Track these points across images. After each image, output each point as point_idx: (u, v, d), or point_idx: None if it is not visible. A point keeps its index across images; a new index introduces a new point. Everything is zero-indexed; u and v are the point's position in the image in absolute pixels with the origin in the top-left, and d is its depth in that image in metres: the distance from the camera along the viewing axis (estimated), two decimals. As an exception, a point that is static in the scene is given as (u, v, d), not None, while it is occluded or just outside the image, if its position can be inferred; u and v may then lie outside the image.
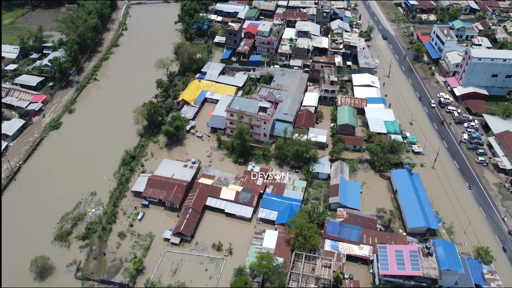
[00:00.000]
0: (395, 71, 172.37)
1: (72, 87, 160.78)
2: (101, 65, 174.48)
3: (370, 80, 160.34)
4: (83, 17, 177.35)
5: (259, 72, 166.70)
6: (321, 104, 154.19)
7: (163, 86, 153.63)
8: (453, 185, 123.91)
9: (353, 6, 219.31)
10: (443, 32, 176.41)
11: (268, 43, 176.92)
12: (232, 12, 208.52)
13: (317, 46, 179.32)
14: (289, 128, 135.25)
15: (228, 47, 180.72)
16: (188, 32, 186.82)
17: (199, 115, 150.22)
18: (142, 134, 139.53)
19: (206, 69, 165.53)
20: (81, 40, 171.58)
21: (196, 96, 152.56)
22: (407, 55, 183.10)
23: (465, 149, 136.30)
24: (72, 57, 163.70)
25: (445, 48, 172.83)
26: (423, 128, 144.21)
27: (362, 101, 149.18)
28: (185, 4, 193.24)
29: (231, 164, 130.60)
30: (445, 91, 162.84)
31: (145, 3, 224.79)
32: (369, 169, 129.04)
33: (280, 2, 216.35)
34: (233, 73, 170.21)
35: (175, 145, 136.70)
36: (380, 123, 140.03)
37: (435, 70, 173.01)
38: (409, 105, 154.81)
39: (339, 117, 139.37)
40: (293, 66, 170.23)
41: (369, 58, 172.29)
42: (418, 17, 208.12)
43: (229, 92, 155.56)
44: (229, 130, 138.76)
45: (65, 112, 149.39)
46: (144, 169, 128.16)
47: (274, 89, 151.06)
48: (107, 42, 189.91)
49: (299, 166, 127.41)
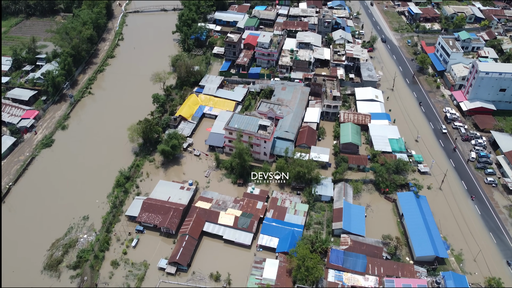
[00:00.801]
0: (399, 84, 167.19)
1: (66, 102, 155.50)
2: (96, 77, 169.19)
3: (373, 94, 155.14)
4: (78, 28, 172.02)
5: (259, 86, 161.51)
6: (323, 119, 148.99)
7: (160, 101, 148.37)
8: (461, 208, 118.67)
9: (355, 15, 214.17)
10: (449, 44, 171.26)
11: (268, 54, 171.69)
12: (231, 22, 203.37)
13: (318, 57, 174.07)
14: (290, 147, 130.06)
15: (227, 58, 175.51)
16: (186, 43, 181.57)
17: (197, 131, 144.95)
18: (138, 153, 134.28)
19: (204, 82, 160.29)
20: (75, 52, 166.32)
21: (194, 112, 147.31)
22: (411, 68, 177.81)
23: (473, 168, 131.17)
24: (66, 70, 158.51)
25: (450, 60, 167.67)
26: (429, 145, 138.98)
27: (366, 117, 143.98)
28: (183, 13, 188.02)
29: (229, 185, 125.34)
30: (451, 105, 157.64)
31: (142, 12, 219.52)
32: (374, 190, 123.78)
33: (281, 11, 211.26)
34: (232, 86, 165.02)
35: (172, 164, 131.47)
36: (384, 141, 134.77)
37: (440, 83, 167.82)
38: (414, 120, 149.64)
39: (342, 135, 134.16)
40: (294, 79, 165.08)
41: (372, 71, 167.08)
42: (422, 26, 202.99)
43: (228, 107, 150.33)
44: (227, 148, 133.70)
45: (58, 128, 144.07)
46: (139, 190, 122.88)
47: (274, 104, 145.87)
48: (103, 53, 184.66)
49: (301, 187, 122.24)
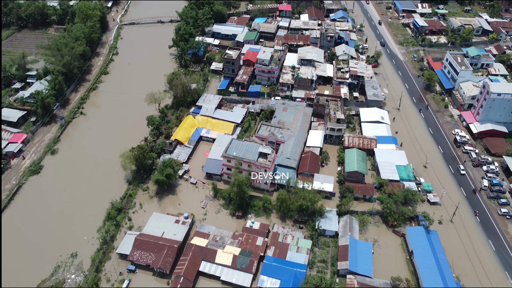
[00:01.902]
0: (405, 103, 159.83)
1: (56, 123, 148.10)
2: (88, 96, 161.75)
3: (379, 115, 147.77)
4: (70, 45, 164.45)
5: (259, 106, 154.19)
6: (326, 142, 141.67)
7: (154, 123, 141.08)
8: (474, 243, 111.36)
9: (359, 27, 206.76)
10: (457, 60, 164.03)
11: (269, 72, 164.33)
12: (230, 35, 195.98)
13: (321, 75, 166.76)
14: (292, 176, 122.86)
15: (225, 75, 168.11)
16: (182, 58, 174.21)
17: (194, 156, 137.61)
18: (130, 181, 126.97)
19: (202, 102, 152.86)
20: (67, 70, 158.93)
21: (190, 135, 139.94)
22: (418, 85, 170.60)
23: (486, 197, 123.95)
24: (57, 90, 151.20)
25: (459, 78, 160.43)
26: (438, 171, 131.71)
27: (372, 141, 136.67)
28: (180, 27, 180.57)
29: (228, 217, 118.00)
30: (460, 126, 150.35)
31: (138, 24, 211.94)
32: (381, 223, 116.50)
33: (281, 23, 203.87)
34: (231, 105, 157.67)
35: (167, 193, 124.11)
36: (391, 168, 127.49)
37: (449, 102, 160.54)
38: (421, 144, 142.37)
39: (347, 163, 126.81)
40: (295, 98, 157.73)
41: (377, 89, 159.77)
42: (428, 39, 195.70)
43: (226, 129, 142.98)
44: (226, 176, 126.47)
45: (47, 153, 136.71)
46: (131, 223, 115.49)
47: (275, 127, 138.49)
48: (96, 69, 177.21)
49: (304, 220, 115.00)
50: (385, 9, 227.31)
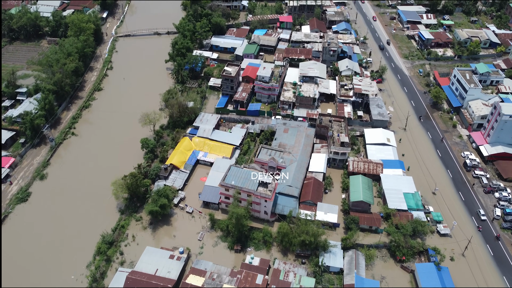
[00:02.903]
0: (411, 122, 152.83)
1: (46, 145, 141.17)
2: (80, 115, 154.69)
3: (385, 137, 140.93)
4: (61, 61, 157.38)
5: (259, 126, 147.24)
6: (330, 166, 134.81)
7: (149, 146, 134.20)
8: (488, 280, 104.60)
9: (362, 40, 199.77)
10: (465, 77, 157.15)
11: (269, 89, 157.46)
12: (229, 48, 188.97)
13: (324, 92, 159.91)
14: (294, 207, 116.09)
15: (224, 93, 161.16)
16: (179, 74, 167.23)
17: (190, 181, 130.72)
18: (123, 210, 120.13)
19: (199, 122, 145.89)
20: (58, 88, 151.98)
21: (187, 159, 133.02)
22: (424, 102, 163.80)
23: (499, 228, 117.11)
24: (47, 110, 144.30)
25: (468, 96, 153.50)
26: (448, 199, 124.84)
27: (378, 166, 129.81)
28: (176, 41, 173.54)
29: (226, 251, 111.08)
30: (470, 148, 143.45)
31: (134, 35, 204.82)
32: (388, 257, 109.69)
33: (282, 35, 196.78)
34: (229, 125, 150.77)
35: (161, 224, 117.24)
36: (399, 196, 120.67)
37: (457, 122, 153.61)
38: (430, 167, 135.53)
39: (352, 191, 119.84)
40: (297, 117, 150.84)
41: (382, 107, 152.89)
42: (434, 52, 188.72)
43: (224, 152, 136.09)
44: (224, 204, 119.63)
45: (36, 178, 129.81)
46: (123, 258, 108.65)
47: (276, 150, 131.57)
48: (90, 85, 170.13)
49: (307, 255, 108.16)
50: (389, 20, 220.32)
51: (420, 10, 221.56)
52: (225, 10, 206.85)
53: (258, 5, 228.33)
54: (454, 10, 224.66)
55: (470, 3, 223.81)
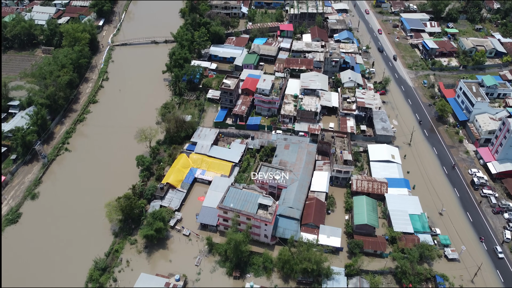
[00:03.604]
0: (416, 137, 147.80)
1: (38, 161, 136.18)
2: (74, 129, 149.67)
3: (389, 153, 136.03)
4: (55, 73, 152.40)
5: (259, 141, 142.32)
6: (332, 184, 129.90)
7: (145, 164, 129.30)
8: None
9: (365, 49, 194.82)
10: (472, 90, 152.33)
11: (269, 102, 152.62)
12: (228, 58, 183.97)
13: (326, 105, 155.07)
14: (296, 230, 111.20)
15: (222, 106, 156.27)
16: (177, 86, 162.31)
17: (187, 200, 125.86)
18: (117, 232, 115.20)
19: (197, 137, 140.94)
20: (51, 101, 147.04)
21: (184, 177, 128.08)
22: (429, 115, 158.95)
23: (509, 252, 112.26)
24: (39, 125, 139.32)
25: (474, 110, 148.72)
26: (455, 220, 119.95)
27: (382, 185, 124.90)
28: (174, 52, 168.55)
29: (224, 277, 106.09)
30: (477, 165, 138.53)
31: (131, 44, 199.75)
32: (394, 284, 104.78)
33: (283, 45, 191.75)
34: (228, 140, 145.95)
35: (157, 247, 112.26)
36: (405, 218, 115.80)
37: (463, 136, 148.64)
38: (436, 186, 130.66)
39: (356, 213, 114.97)
40: (298, 132, 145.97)
41: (386, 121, 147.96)
42: (439, 62, 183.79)
43: (223, 170, 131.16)
44: (222, 226, 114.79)
45: (27, 197, 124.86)
46: (117, 285, 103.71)
47: (276, 168, 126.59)
48: (84, 97, 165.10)
49: (309, 282, 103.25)
50: (392, 28, 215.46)
51: (423, 17, 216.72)
52: (224, 18, 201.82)
53: (258, 12, 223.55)
54: (458, 17, 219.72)
55: (474, 11, 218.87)
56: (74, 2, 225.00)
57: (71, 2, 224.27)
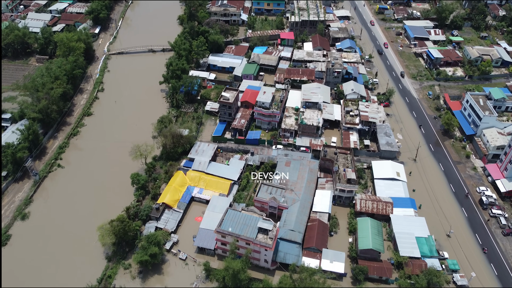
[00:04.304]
0: (422, 152, 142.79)
1: (30, 178, 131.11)
2: (68, 144, 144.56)
3: (394, 170, 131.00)
4: (48, 85, 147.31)
5: (259, 157, 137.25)
6: (335, 203, 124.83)
7: (140, 182, 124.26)
8: None
9: (367, 58, 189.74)
10: (479, 103, 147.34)
11: (270, 115, 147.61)
12: (228, 67, 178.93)
13: (328, 118, 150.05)
14: (298, 256, 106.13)
15: (221, 119, 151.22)
16: (174, 98, 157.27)
17: (184, 220, 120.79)
18: (110, 256, 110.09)
19: (194, 153, 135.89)
20: (44, 115, 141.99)
21: (180, 196, 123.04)
22: (434, 128, 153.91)
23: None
24: (31, 140, 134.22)
25: (482, 124, 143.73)
26: (464, 243, 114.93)
27: (387, 206, 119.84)
28: (171, 63, 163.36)
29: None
30: (485, 182, 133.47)
31: (127, 53, 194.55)
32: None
33: (283, 54, 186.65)
34: (227, 155, 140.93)
35: (152, 272, 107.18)
36: (411, 242, 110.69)
37: (471, 152, 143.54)
38: (442, 205, 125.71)
39: (360, 237, 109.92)
40: (299, 147, 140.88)
41: (391, 136, 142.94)
42: (444, 72, 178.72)
43: (221, 188, 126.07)
44: (220, 250, 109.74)
45: (17, 218, 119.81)
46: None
47: (277, 187, 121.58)
48: (79, 109, 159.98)
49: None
50: (395, 36, 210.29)
51: (427, 25, 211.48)
52: (223, 26, 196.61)
53: (258, 19, 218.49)
54: (463, 25, 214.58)
55: (479, 18, 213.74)
56: (70, 9, 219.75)
57: (67, 9, 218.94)
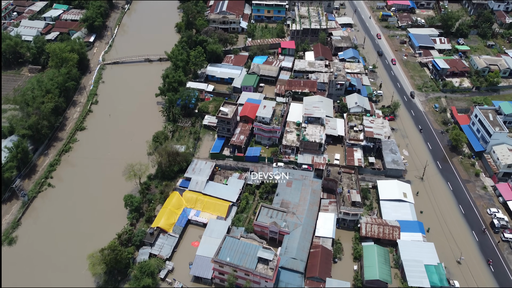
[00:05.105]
0: (429, 170, 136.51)
1: (18, 199, 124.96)
2: (59, 161, 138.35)
3: (400, 191, 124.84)
4: (38, 99, 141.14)
5: (259, 176, 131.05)
6: (339, 226, 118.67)
7: (133, 205, 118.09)
8: None
9: (371, 68, 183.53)
10: (488, 118, 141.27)
11: (270, 131, 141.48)
12: (226, 78, 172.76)
13: (331, 134, 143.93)
14: (299, 286, 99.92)
15: (219, 135, 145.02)
16: (170, 111, 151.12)
17: (180, 246, 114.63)
18: (101, 286, 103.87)
19: (191, 172, 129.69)
20: (34, 131, 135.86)
21: (176, 220, 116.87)
22: (441, 143, 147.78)
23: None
24: (20, 159, 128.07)
25: (492, 140, 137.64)
26: (475, 271, 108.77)
27: (394, 230, 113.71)
28: (167, 75, 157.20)
29: None
30: (496, 203, 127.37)
31: (123, 63, 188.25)
32: None
33: (284, 63, 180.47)
34: (225, 173, 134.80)
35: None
36: (420, 270, 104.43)
37: (480, 170, 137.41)
38: (452, 228, 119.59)
39: (366, 266, 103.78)
40: (301, 165, 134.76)
41: (397, 153, 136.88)
42: (450, 84, 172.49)
43: (219, 211, 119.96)
44: (218, 280, 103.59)
45: (4, 243, 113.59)
46: None
47: (278, 211, 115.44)
48: (71, 124, 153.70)
49: None
50: (399, 44, 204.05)
51: (432, 33, 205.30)
52: (222, 34, 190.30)
53: (258, 27, 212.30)
54: (468, 33, 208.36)
55: (486, 26, 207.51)
56: (65, 16, 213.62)
57: (61, 16, 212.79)
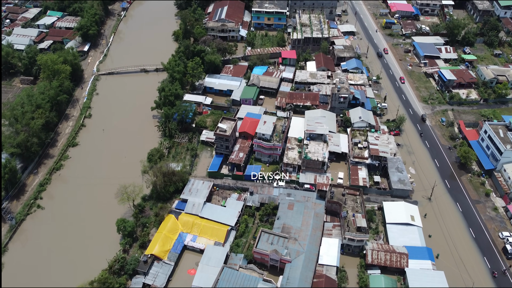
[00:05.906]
0: (437, 190, 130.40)
1: (5, 223, 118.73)
2: (49, 180, 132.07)
3: (408, 213, 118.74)
4: (28, 115, 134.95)
5: (259, 197, 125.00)
6: (343, 252, 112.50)
7: (126, 230, 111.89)
8: None
9: (375, 79, 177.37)
10: (499, 135, 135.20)
11: (271, 148, 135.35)
12: (225, 90, 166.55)
13: (334, 151, 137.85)
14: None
15: (218, 152, 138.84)
16: (166, 127, 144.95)
17: (176, 274, 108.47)
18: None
19: (188, 193, 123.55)
20: (23, 149, 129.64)
21: (171, 246, 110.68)
22: (449, 160, 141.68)
23: None
24: (7, 179, 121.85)
25: (502, 158, 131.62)
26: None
27: (402, 257, 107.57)
28: (163, 88, 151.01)
29: None
30: (508, 225, 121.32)
31: (118, 73, 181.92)
32: None
33: (284, 74, 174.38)
34: (223, 194, 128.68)
35: None
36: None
37: (490, 189, 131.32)
38: (462, 254, 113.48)
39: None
40: (303, 184, 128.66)
41: (403, 172, 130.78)
42: (457, 96, 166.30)
43: (217, 236, 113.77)
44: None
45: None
46: None
47: (279, 236, 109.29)
48: (63, 139, 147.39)
49: None
50: (403, 53, 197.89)
51: (437, 41, 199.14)
52: (221, 44, 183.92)
53: (258, 35, 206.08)
54: (475, 41, 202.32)
55: (492, 34, 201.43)
56: (59, 23, 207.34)
57: (55, 24, 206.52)
